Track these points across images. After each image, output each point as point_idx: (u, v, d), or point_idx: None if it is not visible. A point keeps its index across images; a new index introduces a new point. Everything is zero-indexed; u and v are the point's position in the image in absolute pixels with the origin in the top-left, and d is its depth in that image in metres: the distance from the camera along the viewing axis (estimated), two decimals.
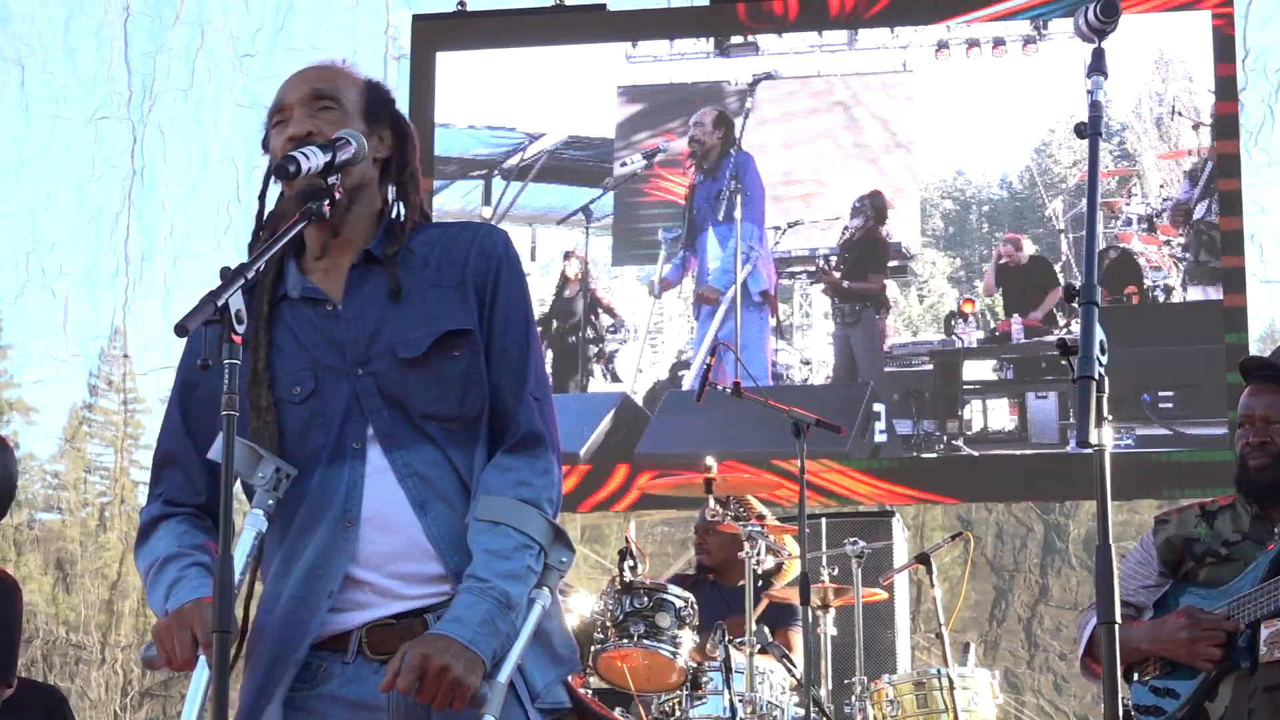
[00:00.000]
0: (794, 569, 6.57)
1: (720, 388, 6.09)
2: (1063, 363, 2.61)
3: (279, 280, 2.74)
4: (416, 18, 9.93)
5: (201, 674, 2.40)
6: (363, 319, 2.68)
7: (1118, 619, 2.54)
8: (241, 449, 2.48)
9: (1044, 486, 9.36)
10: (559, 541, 2.60)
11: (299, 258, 2.77)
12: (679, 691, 5.66)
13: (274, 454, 2.57)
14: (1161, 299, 8.67)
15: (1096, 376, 2.51)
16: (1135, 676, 4.46)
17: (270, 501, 2.53)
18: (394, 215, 2.79)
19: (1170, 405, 8.44)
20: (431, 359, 2.66)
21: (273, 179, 2.60)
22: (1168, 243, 8.68)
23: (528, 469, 2.63)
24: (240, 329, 2.38)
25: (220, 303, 2.35)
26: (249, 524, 2.51)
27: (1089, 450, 2.50)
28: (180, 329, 2.34)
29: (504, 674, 2.47)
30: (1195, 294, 8.61)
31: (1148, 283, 8.66)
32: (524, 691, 2.62)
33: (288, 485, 2.56)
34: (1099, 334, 2.55)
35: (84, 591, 18.80)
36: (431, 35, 9.68)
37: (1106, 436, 2.53)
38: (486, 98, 9.45)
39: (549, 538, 2.59)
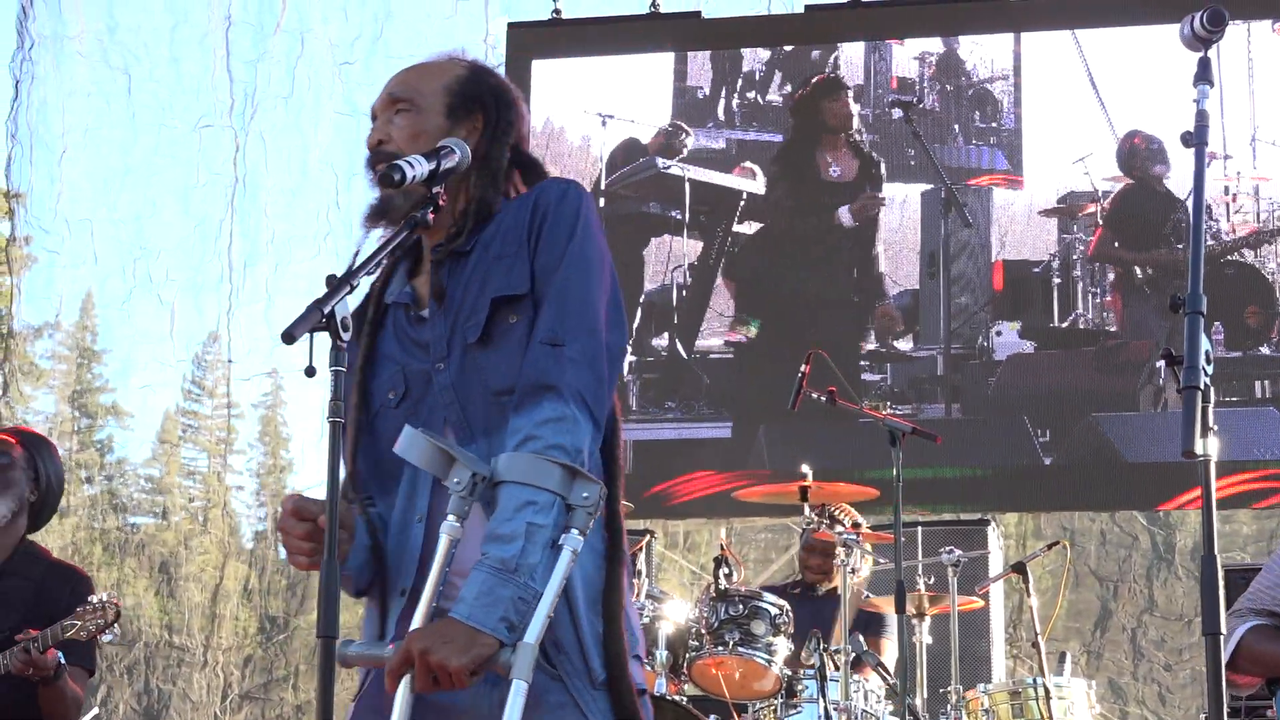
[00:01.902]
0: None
1: (815, 395, 6.07)
2: (1158, 381, 2.59)
3: (386, 286, 2.75)
4: (512, 25, 9.98)
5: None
6: (445, 314, 2.67)
7: (1222, 629, 2.52)
8: (431, 450, 2.45)
9: (1143, 495, 9.23)
10: (578, 480, 2.45)
11: (417, 262, 2.77)
12: (774, 699, 5.66)
13: (464, 455, 2.47)
14: None
15: (1202, 387, 2.50)
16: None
17: (466, 508, 2.46)
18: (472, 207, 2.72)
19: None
20: (493, 334, 2.62)
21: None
22: None
23: (529, 422, 2.50)
24: (346, 336, 2.40)
25: (326, 310, 2.37)
26: (445, 531, 2.45)
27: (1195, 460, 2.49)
28: (287, 336, 2.36)
29: (532, 634, 2.37)
30: None
31: None
32: (580, 678, 2.53)
33: (484, 489, 2.48)
34: (1204, 344, 2.53)
35: (185, 595, 19.07)
36: (527, 42, 9.72)
37: (1212, 447, 2.51)
38: (583, 104, 9.48)
39: (563, 482, 2.44)
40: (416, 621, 2.44)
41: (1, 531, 4.75)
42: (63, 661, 4.51)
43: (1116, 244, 8.71)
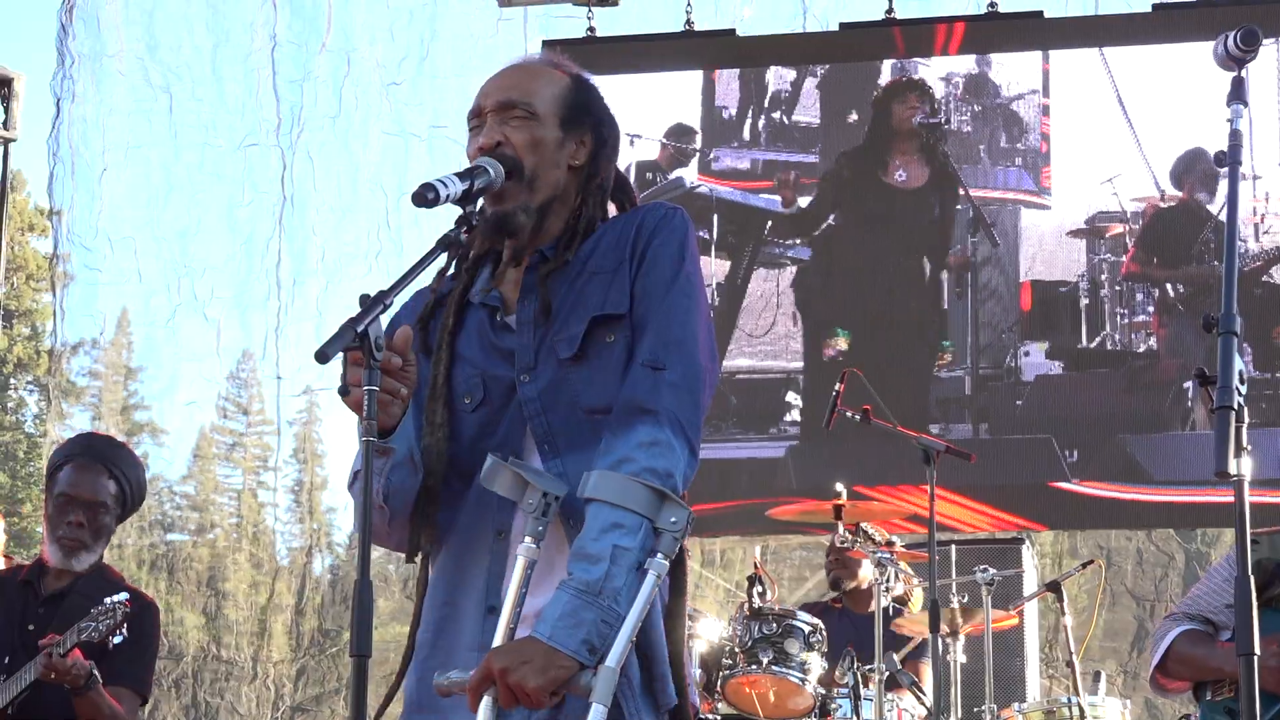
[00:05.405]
0: (920, 599, 6.57)
1: (849, 414, 6.07)
2: (1186, 401, 2.59)
3: (469, 287, 2.74)
4: (545, 43, 9.99)
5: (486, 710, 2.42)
6: (534, 325, 2.66)
7: (1256, 650, 2.52)
8: (508, 476, 2.47)
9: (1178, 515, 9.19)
10: (667, 504, 2.44)
11: (497, 265, 2.76)
12: (808, 718, 5.65)
13: (536, 476, 2.49)
14: None
15: (1236, 407, 2.50)
16: (1208, 695, 4.40)
17: (540, 528, 2.47)
18: (577, 223, 2.74)
19: None
20: (588, 351, 2.62)
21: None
22: None
23: (624, 444, 2.50)
24: (379, 355, 2.41)
25: (360, 329, 2.37)
26: (521, 553, 2.46)
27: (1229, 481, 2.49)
28: (321, 355, 2.34)
29: (613, 658, 2.36)
30: None
31: None
32: (637, 700, 2.52)
33: (556, 509, 2.49)
34: (1238, 364, 2.53)
35: (234, 609, 19.16)
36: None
37: (1245, 467, 2.51)
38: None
39: (652, 505, 2.43)
40: (497, 640, 2.44)
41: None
42: (94, 671, 4.52)
43: (1155, 260, 8.69)
